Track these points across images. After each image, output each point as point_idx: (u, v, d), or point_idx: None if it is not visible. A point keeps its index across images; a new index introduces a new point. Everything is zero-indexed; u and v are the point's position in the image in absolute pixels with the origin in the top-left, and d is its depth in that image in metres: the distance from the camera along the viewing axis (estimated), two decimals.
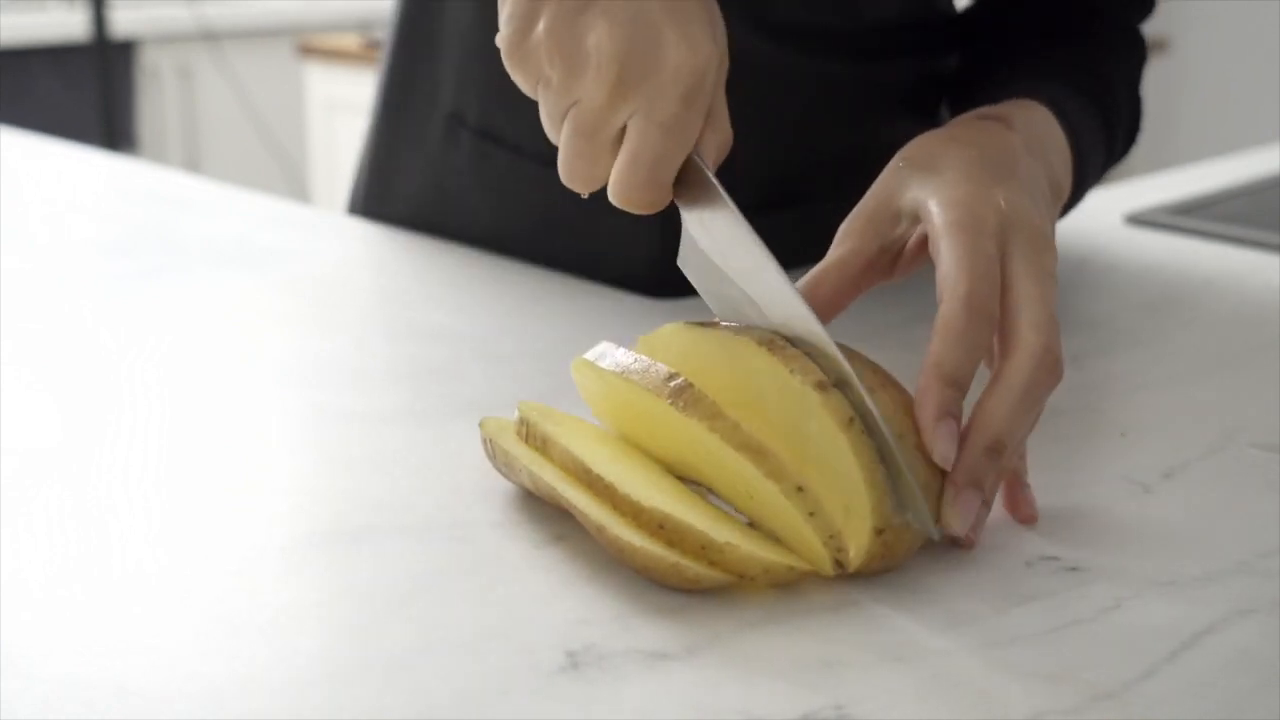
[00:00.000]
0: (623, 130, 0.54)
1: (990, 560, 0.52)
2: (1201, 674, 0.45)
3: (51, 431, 0.62)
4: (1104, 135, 0.78)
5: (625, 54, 0.52)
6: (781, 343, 0.51)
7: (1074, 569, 0.51)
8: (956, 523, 0.50)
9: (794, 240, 0.64)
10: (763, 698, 0.43)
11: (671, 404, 0.50)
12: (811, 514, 0.48)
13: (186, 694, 0.42)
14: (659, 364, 0.52)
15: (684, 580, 0.47)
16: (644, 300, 0.83)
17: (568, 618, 0.47)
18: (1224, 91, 3.70)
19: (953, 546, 0.52)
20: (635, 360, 0.53)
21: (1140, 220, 1.05)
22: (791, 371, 0.49)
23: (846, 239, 0.58)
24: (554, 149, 0.55)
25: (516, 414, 0.56)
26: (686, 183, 0.55)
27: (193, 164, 3.52)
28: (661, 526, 0.48)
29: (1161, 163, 3.18)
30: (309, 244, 0.96)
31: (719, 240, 0.54)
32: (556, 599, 0.48)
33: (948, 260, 0.53)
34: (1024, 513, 0.55)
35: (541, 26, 0.54)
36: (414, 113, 0.93)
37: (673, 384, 0.51)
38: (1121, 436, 0.65)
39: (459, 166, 0.90)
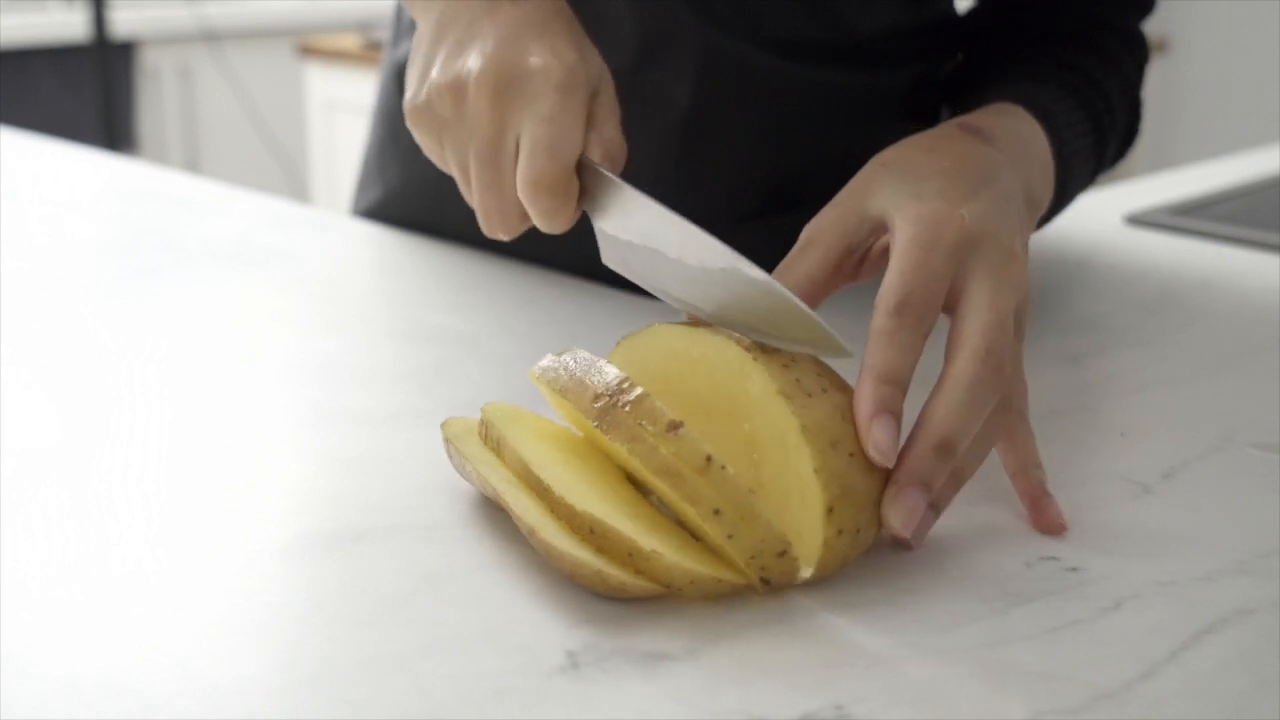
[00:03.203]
0: (517, 152, 0.59)
1: (990, 560, 0.52)
2: (1201, 674, 0.45)
3: (51, 431, 0.62)
4: (1093, 140, 0.78)
5: (497, 68, 0.59)
6: (768, 348, 0.51)
7: (1074, 569, 0.51)
8: (897, 520, 0.50)
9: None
10: (763, 698, 0.43)
11: (597, 424, 0.50)
12: (730, 536, 0.48)
13: (186, 694, 0.42)
14: (590, 380, 0.51)
15: (609, 588, 0.47)
16: (642, 299, 0.83)
17: (568, 618, 0.47)
18: (1224, 91, 3.70)
19: (950, 545, 0.52)
20: (571, 377, 0.52)
21: (1140, 220, 1.05)
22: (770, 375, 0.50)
23: (812, 244, 0.57)
24: None
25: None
26: (588, 188, 0.58)
27: (193, 164, 3.52)
28: (591, 531, 0.48)
29: (1161, 163, 3.18)
30: (309, 244, 0.96)
31: (618, 217, 0.57)
32: (556, 599, 0.48)
33: (890, 273, 0.54)
34: (1050, 522, 0.54)
35: (433, 74, 0.62)
36: None
37: (597, 405, 0.50)
38: (1121, 436, 0.65)
39: None
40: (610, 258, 0.59)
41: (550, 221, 0.58)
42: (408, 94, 0.63)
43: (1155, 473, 0.60)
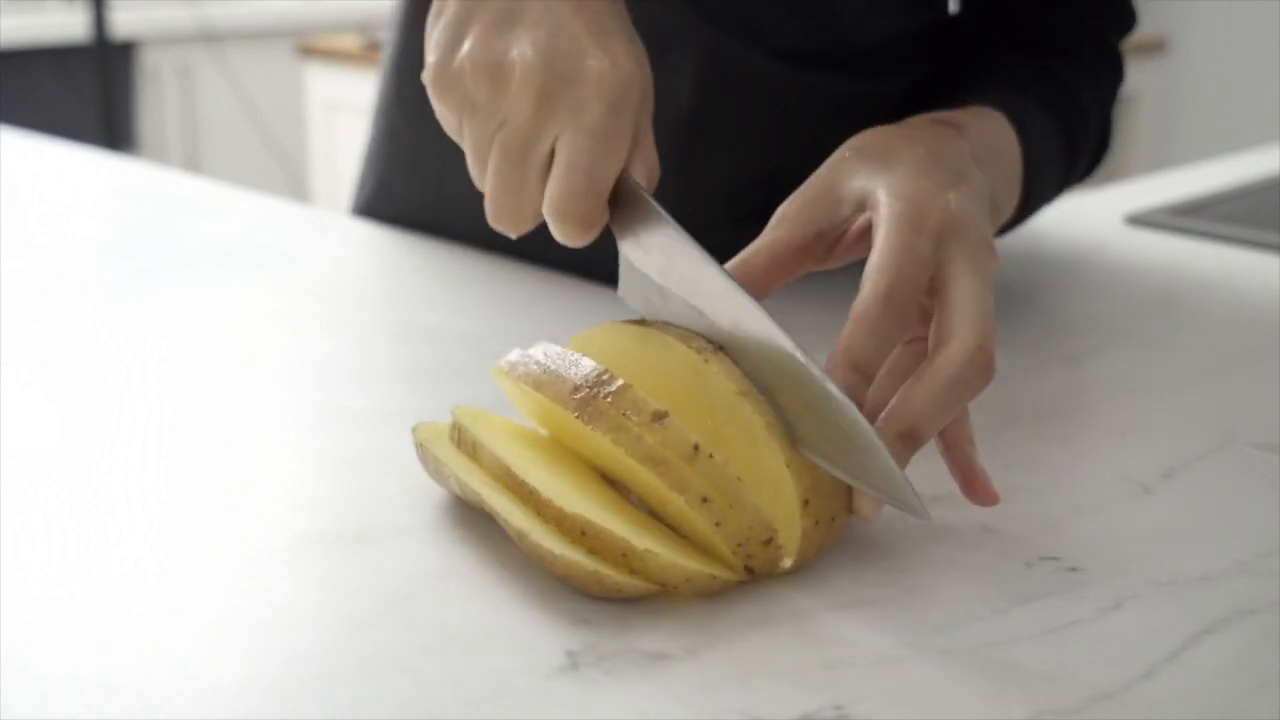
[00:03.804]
0: (550, 157, 0.53)
1: (990, 560, 0.52)
2: (1201, 674, 0.45)
3: (51, 432, 0.62)
4: (1065, 155, 0.78)
5: (548, 63, 0.52)
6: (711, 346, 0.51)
7: (1074, 569, 0.51)
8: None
9: None
10: (763, 698, 0.43)
11: (577, 416, 0.50)
12: (718, 524, 0.48)
13: (186, 694, 0.42)
14: (568, 372, 0.51)
15: (604, 589, 0.47)
16: None
17: (568, 618, 0.47)
18: (1224, 91, 3.70)
19: (950, 545, 0.52)
20: (545, 370, 0.52)
21: (1140, 220, 1.05)
22: (719, 373, 0.50)
23: (783, 222, 0.57)
24: None
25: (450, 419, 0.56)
26: (620, 205, 0.54)
27: (193, 164, 3.52)
28: (583, 533, 0.48)
29: (1161, 163, 3.18)
30: (309, 244, 0.96)
31: (656, 255, 0.54)
32: (556, 599, 0.48)
33: (879, 252, 0.53)
34: (984, 493, 0.53)
35: (466, 48, 0.54)
36: (414, 113, 0.93)
37: (577, 396, 0.50)
38: (1121, 436, 0.65)
39: (458, 167, 0.90)
40: (631, 294, 0.55)
41: (571, 241, 0.54)
42: (433, 56, 0.56)
43: (1155, 473, 0.60)
